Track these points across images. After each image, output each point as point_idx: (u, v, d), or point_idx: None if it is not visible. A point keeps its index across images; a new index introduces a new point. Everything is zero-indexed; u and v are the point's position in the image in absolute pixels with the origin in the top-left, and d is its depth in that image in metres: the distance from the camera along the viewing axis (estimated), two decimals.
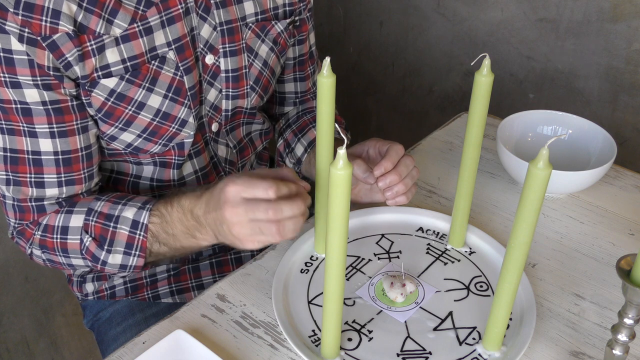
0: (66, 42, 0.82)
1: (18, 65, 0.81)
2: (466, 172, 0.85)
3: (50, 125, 0.85)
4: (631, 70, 1.43)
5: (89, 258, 0.90)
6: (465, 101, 1.75)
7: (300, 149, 1.08)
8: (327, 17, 1.96)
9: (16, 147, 0.86)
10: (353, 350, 0.79)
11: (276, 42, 1.02)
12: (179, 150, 0.97)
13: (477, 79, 0.78)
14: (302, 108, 1.15)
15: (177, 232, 0.86)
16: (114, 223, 0.88)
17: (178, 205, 0.85)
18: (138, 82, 0.88)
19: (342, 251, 0.69)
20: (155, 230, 0.87)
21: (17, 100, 0.83)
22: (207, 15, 0.92)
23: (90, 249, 0.89)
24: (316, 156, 0.84)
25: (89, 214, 0.89)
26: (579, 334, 0.83)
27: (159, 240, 0.88)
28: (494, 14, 1.59)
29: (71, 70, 0.84)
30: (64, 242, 0.90)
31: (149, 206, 0.87)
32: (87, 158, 0.90)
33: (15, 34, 0.79)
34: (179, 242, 0.87)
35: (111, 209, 0.88)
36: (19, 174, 0.87)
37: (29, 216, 0.91)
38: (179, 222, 0.85)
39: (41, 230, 0.91)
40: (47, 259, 0.94)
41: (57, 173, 0.88)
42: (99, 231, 0.88)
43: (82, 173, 0.90)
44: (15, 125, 0.85)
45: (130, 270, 0.90)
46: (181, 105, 0.93)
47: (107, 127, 0.90)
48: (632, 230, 0.99)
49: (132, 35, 0.86)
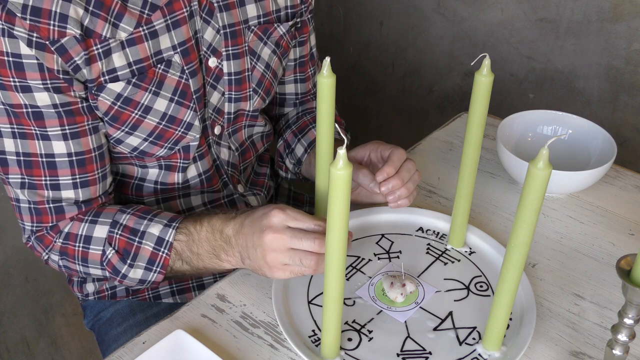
0: (74, 45, 0.81)
1: (28, 70, 0.81)
2: (466, 172, 0.85)
3: (63, 128, 0.85)
4: (631, 70, 1.43)
5: (109, 270, 0.90)
6: (465, 101, 1.75)
7: (300, 149, 1.08)
8: (327, 17, 1.96)
9: (29, 151, 0.86)
10: (353, 350, 0.79)
11: (278, 45, 1.02)
12: (184, 154, 0.97)
13: (477, 79, 0.78)
14: (302, 109, 1.15)
15: (201, 252, 0.86)
16: (139, 238, 0.87)
17: (208, 225, 0.85)
18: (144, 86, 0.88)
19: (342, 251, 0.69)
20: (180, 248, 0.87)
21: (27, 104, 0.83)
22: (210, 18, 0.92)
23: (112, 261, 0.89)
24: (316, 156, 0.84)
25: (113, 226, 0.89)
26: (579, 334, 0.83)
27: (182, 258, 0.88)
28: (493, 14, 1.59)
29: (80, 73, 0.84)
30: (86, 252, 0.90)
31: (176, 224, 0.87)
32: (100, 158, 0.90)
33: (24, 38, 0.79)
34: (202, 262, 0.87)
35: (137, 223, 0.88)
36: (34, 177, 0.87)
37: (47, 218, 0.90)
38: (206, 242, 0.86)
39: (63, 237, 0.91)
40: (63, 265, 0.93)
41: (71, 175, 0.88)
42: (123, 245, 0.88)
43: (96, 173, 0.90)
44: (27, 129, 0.84)
45: (148, 285, 0.91)
46: (187, 109, 0.92)
47: (114, 131, 0.90)
48: (632, 230, 0.99)
49: (138, 39, 0.86)
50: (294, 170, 1.11)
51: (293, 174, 1.12)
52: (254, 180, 1.15)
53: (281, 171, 1.15)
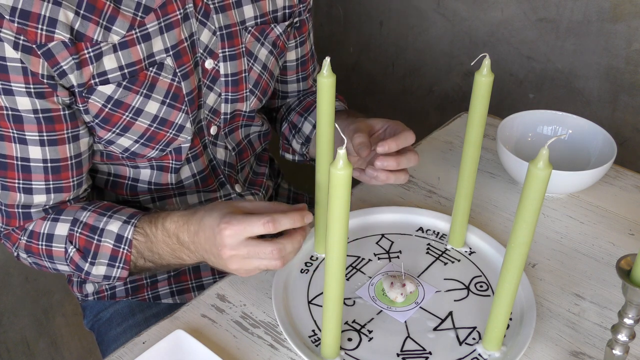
0: (61, 50, 0.81)
1: (12, 73, 0.80)
2: (466, 172, 0.85)
3: (41, 134, 0.85)
4: (631, 70, 1.42)
5: (72, 267, 0.90)
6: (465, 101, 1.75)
7: (308, 126, 1.07)
8: (327, 17, 1.96)
9: (5, 153, 0.86)
10: (353, 350, 0.79)
11: (275, 45, 1.01)
12: (176, 155, 0.97)
13: (477, 79, 0.78)
14: (303, 96, 1.15)
15: (162, 253, 0.87)
16: (98, 236, 0.88)
17: (162, 228, 0.85)
18: (135, 89, 0.88)
19: (342, 251, 0.69)
20: (140, 247, 0.87)
21: (8, 107, 0.82)
22: (206, 20, 0.92)
23: (74, 259, 0.89)
24: (316, 156, 0.84)
25: (74, 224, 0.89)
26: (579, 334, 0.83)
27: (143, 257, 0.88)
28: (494, 14, 1.59)
29: (66, 78, 0.83)
30: (49, 249, 0.90)
31: (134, 221, 0.87)
32: (76, 166, 0.90)
33: (10, 41, 0.79)
34: (164, 260, 0.88)
35: (96, 220, 0.88)
36: (7, 179, 0.87)
37: (15, 222, 0.91)
38: (164, 244, 0.86)
39: (27, 235, 0.91)
40: (33, 262, 0.94)
41: (45, 180, 0.88)
42: (83, 243, 0.88)
43: (71, 181, 0.90)
44: (5, 131, 0.84)
45: (114, 281, 0.91)
46: (178, 111, 0.92)
47: (104, 133, 0.90)
48: (632, 230, 0.99)
49: (130, 42, 0.85)
50: (300, 150, 1.09)
51: (300, 155, 1.11)
52: (252, 179, 1.15)
53: (288, 154, 1.13)
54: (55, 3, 0.79)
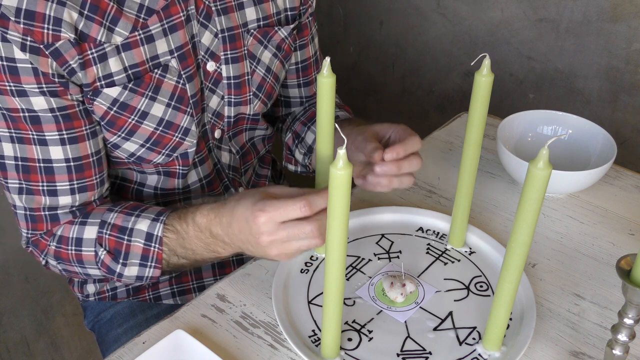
0: (69, 49, 0.81)
1: (22, 74, 0.80)
2: (466, 172, 0.85)
3: (60, 132, 0.85)
4: (631, 70, 1.42)
5: (104, 270, 0.89)
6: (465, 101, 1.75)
7: (311, 136, 1.06)
8: (327, 17, 1.96)
9: (27, 156, 0.85)
10: (353, 350, 0.79)
11: (280, 48, 1.01)
12: (182, 160, 0.96)
13: (477, 79, 0.78)
14: (308, 104, 1.15)
15: (195, 248, 0.85)
16: (127, 236, 0.87)
17: (193, 223, 0.84)
18: (141, 91, 0.87)
19: (342, 251, 0.69)
20: (172, 245, 0.86)
21: (24, 108, 0.82)
22: (208, 22, 0.91)
23: (105, 262, 0.88)
24: (316, 156, 0.84)
25: (102, 226, 0.88)
26: (579, 334, 0.83)
27: (176, 254, 0.87)
28: (493, 14, 1.59)
29: (75, 76, 0.83)
30: (79, 254, 0.89)
31: (163, 218, 0.86)
32: (98, 163, 0.90)
33: (18, 42, 0.78)
34: (199, 255, 0.86)
35: (124, 221, 0.87)
36: (31, 183, 0.86)
37: (42, 226, 0.90)
38: (197, 239, 0.84)
39: (56, 241, 0.90)
40: (63, 269, 0.93)
41: (69, 180, 0.87)
42: (113, 245, 0.87)
43: (95, 179, 0.90)
44: (25, 133, 0.84)
45: (147, 281, 0.90)
46: (184, 114, 0.92)
47: (110, 135, 0.89)
48: (632, 230, 0.99)
49: (134, 44, 0.85)
50: (303, 161, 1.09)
51: (303, 166, 1.10)
52: (255, 182, 1.15)
53: (290, 165, 1.13)
54: (59, 3, 0.79)
